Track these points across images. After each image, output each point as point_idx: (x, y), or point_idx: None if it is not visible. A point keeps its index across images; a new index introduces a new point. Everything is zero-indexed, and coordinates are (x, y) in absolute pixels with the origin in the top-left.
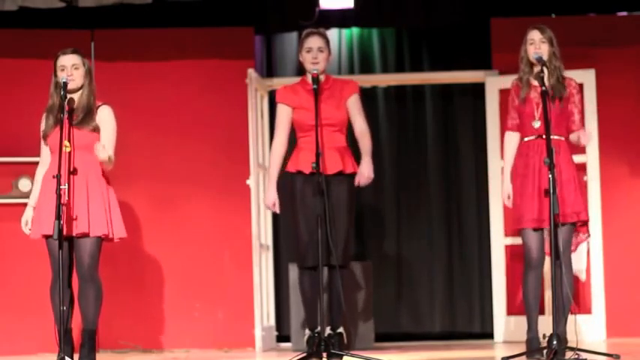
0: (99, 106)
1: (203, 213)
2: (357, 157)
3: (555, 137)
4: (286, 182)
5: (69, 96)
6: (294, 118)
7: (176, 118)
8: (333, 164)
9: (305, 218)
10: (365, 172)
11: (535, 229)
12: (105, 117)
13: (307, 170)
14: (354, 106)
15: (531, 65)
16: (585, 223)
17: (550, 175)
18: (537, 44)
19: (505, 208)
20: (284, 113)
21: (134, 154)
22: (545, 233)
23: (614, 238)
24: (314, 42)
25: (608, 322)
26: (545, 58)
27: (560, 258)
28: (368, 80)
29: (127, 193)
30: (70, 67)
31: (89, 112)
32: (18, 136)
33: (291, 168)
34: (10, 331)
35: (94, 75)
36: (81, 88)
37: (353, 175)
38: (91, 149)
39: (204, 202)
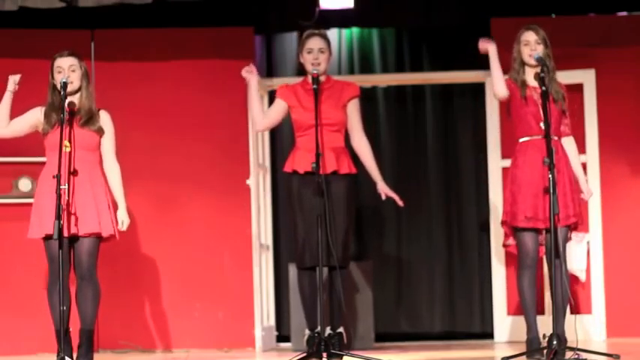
0: (98, 110)
1: (203, 213)
2: (355, 159)
3: (555, 138)
4: (284, 183)
5: (69, 98)
6: (293, 118)
7: (176, 118)
8: (328, 164)
9: (303, 219)
10: (389, 192)
11: (533, 230)
12: (107, 124)
13: (302, 170)
14: (353, 111)
15: (524, 66)
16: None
17: (550, 175)
18: (533, 45)
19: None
20: (277, 104)
21: (134, 154)
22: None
23: (614, 238)
24: (315, 43)
25: (608, 322)
26: None
27: (560, 258)
28: (368, 80)
29: (127, 193)
30: (67, 69)
31: (92, 115)
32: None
33: (287, 168)
34: (10, 331)
35: (93, 76)
36: (78, 90)
37: (349, 176)
38: (93, 148)
39: (204, 202)
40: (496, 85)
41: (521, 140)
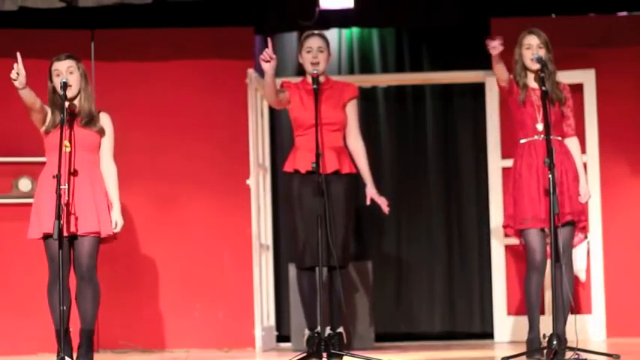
0: (99, 112)
1: (203, 213)
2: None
3: (558, 138)
4: (284, 182)
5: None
6: (293, 116)
7: (176, 118)
8: (330, 164)
9: (303, 218)
10: (375, 197)
11: (539, 230)
12: (106, 126)
13: (304, 169)
14: (351, 112)
15: (526, 70)
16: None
17: (550, 175)
18: (534, 49)
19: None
20: (281, 91)
21: (134, 154)
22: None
23: (614, 238)
24: (314, 42)
25: (608, 322)
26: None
27: (561, 259)
28: (368, 80)
29: (127, 193)
30: (65, 71)
31: (93, 116)
32: (18, 136)
33: (288, 168)
34: (10, 331)
35: (93, 76)
36: (78, 91)
37: (350, 175)
38: (94, 149)
39: (204, 202)
40: (498, 69)
41: (520, 142)
